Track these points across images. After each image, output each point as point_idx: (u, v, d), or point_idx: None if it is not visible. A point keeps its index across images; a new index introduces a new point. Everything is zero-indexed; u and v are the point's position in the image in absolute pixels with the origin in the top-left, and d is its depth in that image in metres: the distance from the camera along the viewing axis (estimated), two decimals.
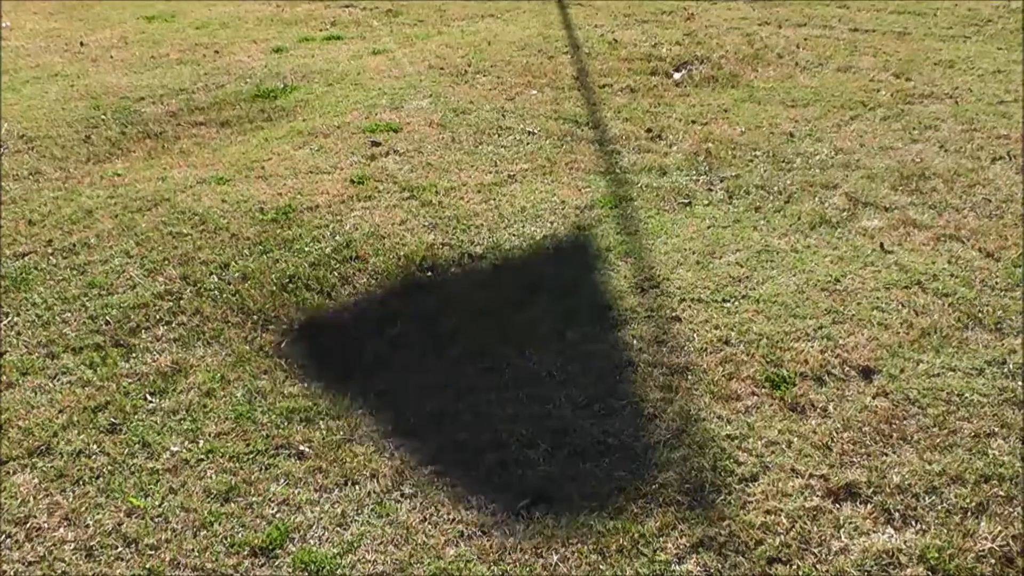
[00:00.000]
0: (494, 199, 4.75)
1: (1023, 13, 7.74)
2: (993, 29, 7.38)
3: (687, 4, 8.35)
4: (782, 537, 2.75)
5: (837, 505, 2.87)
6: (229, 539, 2.82)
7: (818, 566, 2.66)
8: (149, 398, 3.44)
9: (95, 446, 3.22)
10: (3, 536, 2.86)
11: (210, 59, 7.34)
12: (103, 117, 6.14)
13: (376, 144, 5.44)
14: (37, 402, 3.44)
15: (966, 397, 3.28)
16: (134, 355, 3.68)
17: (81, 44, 7.95)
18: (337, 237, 4.42)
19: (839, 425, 3.18)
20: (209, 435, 3.25)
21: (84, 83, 6.87)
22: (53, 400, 3.44)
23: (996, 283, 3.94)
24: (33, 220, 4.72)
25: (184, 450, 3.19)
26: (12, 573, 2.74)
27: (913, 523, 2.79)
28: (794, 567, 2.66)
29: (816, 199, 4.68)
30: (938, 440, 3.10)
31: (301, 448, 3.17)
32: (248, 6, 9.04)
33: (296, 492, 2.99)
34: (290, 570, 2.72)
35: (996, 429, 3.14)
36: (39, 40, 8.15)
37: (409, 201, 4.76)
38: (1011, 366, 3.43)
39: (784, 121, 5.65)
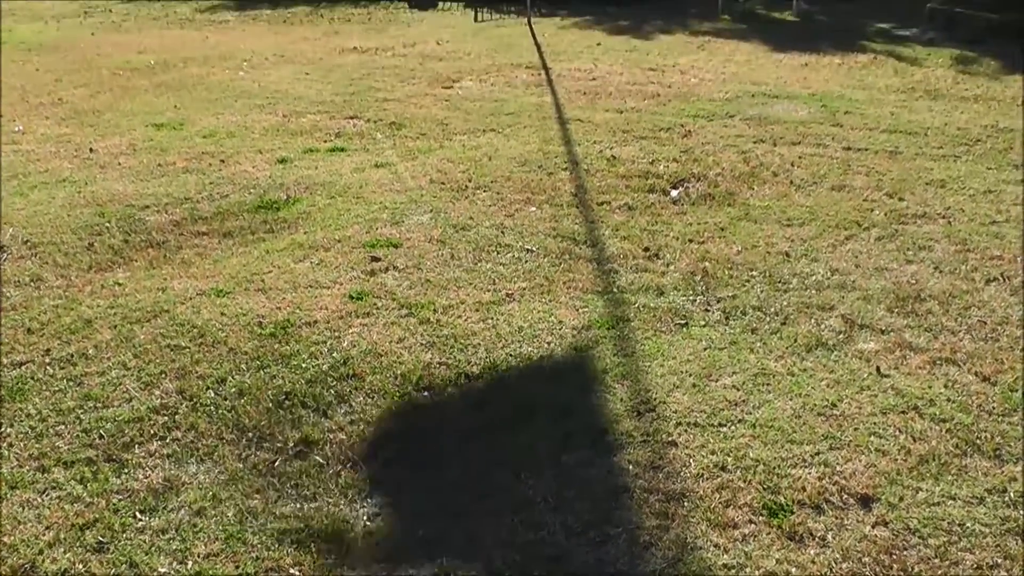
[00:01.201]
0: (492, 318, 4.77)
1: (1021, 132, 7.93)
2: (982, 149, 7.55)
3: (684, 121, 8.55)
4: None
5: None
6: None
7: None
8: (139, 516, 3.40)
9: (81, 566, 3.16)
10: None
11: (216, 168, 7.47)
12: (107, 225, 6.20)
13: (376, 259, 5.48)
14: (24, 517, 3.40)
15: (967, 527, 3.25)
16: (126, 471, 3.65)
17: (90, 150, 8.09)
18: (335, 354, 4.43)
19: (838, 555, 3.13)
20: (198, 556, 3.20)
21: (91, 189, 6.97)
22: (41, 516, 3.40)
23: (993, 408, 3.94)
24: (32, 328, 4.74)
25: (172, 571, 3.13)
26: None
27: None
28: None
29: (812, 321, 4.71)
30: (940, 572, 3.06)
31: (292, 572, 3.12)
32: (255, 116, 9.24)
33: None
34: None
35: (999, 560, 3.10)
36: (50, 145, 8.30)
37: (407, 319, 4.78)
38: (1012, 494, 3.40)
39: (780, 240, 5.72)
